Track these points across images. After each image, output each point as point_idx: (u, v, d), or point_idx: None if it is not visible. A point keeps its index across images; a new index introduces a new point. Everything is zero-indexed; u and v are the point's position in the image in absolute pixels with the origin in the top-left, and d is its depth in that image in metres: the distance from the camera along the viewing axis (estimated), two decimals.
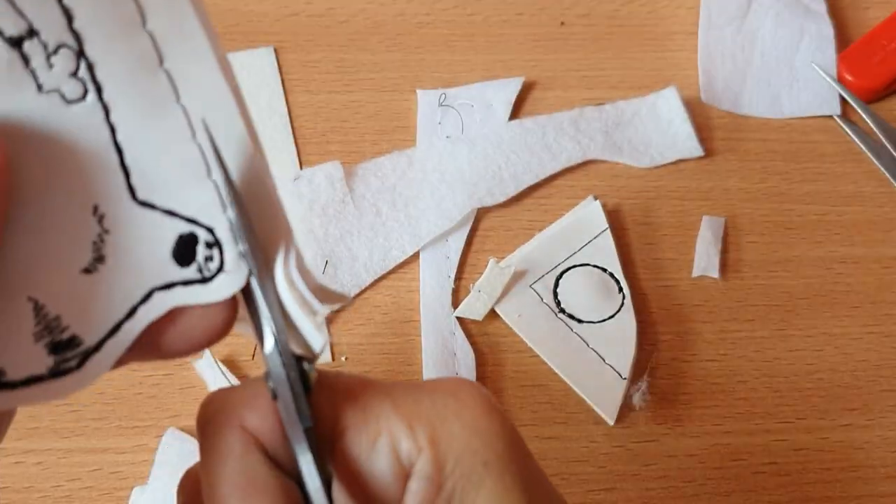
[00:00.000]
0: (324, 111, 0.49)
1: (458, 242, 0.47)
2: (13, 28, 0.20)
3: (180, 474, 0.39)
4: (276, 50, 0.51)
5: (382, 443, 0.23)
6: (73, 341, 0.22)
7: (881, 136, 0.50)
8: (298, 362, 0.23)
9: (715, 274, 0.46)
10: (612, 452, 0.42)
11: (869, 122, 0.50)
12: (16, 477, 0.40)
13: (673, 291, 0.46)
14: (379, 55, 0.51)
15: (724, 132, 0.51)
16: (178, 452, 0.40)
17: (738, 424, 0.43)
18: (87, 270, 0.22)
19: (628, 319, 0.44)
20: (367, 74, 0.51)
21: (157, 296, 0.22)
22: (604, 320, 0.44)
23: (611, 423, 0.42)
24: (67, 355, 0.22)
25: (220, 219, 0.22)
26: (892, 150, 0.50)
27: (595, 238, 0.46)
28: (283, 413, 0.23)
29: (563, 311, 0.44)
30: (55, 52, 0.20)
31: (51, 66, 0.20)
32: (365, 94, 0.50)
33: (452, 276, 0.46)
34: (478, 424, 0.24)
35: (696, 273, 0.46)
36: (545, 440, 0.42)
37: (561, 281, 0.45)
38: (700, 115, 0.51)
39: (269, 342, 0.23)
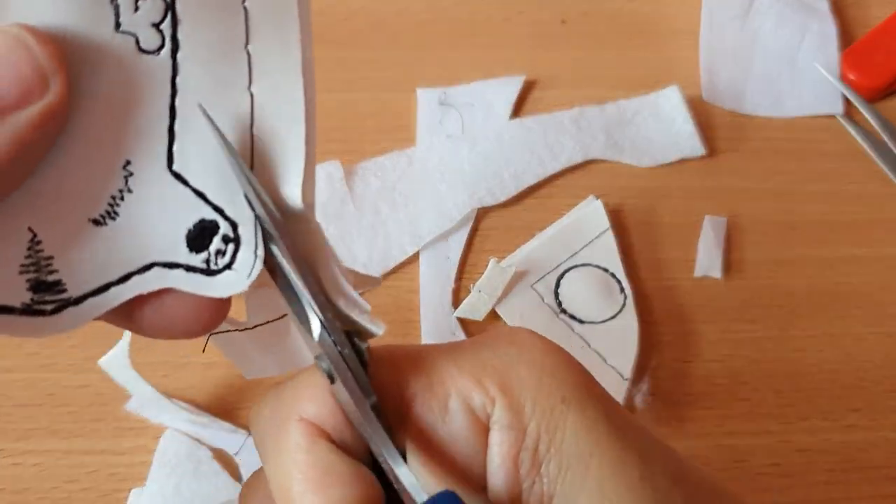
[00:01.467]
0: (323, 110, 0.48)
1: (458, 242, 0.46)
2: None
3: (179, 475, 0.40)
4: None
5: (454, 403, 0.23)
6: (57, 286, 0.21)
7: (884, 136, 0.50)
8: (349, 338, 0.22)
9: (717, 274, 0.46)
10: None
11: (872, 121, 0.50)
12: (13, 478, 0.40)
13: (675, 292, 0.46)
14: (379, 53, 0.51)
15: (726, 131, 0.50)
16: (176, 454, 0.40)
17: (740, 425, 0.43)
18: (96, 222, 0.21)
19: (630, 320, 0.44)
20: (368, 73, 0.50)
21: (156, 270, 0.21)
22: (605, 321, 0.44)
23: None
24: (46, 298, 0.21)
25: (246, 217, 0.21)
26: (895, 149, 0.49)
27: (596, 238, 0.46)
28: (343, 396, 0.22)
29: (564, 311, 0.44)
30: None
31: (136, 8, 0.19)
32: (365, 92, 0.50)
33: (453, 276, 0.45)
34: (544, 363, 0.23)
35: (698, 273, 0.46)
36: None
37: (562, 281, 0.45)
38: (702, 114, 0.51)
39: (316, 325, 0.22)
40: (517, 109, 0.50)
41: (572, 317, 0.44)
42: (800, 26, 0.53)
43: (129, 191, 0.21)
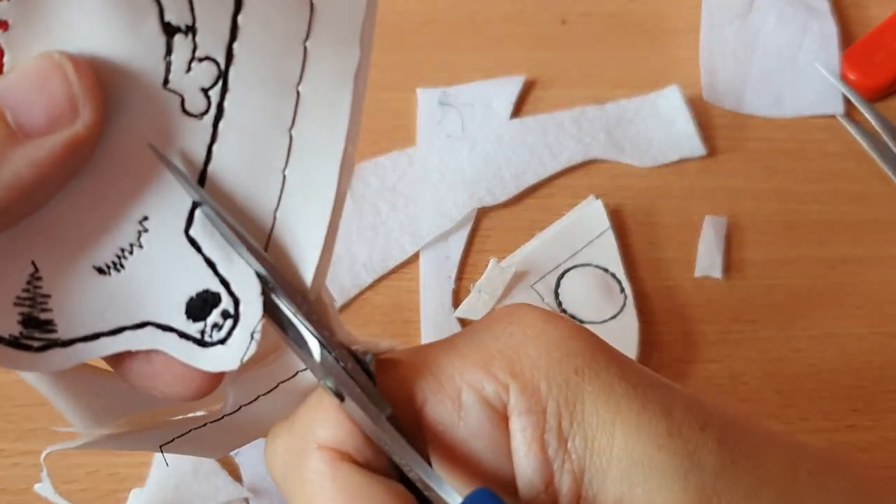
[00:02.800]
0: None
1: (458, 242, 0.46)
2: (175, 16, 0.19)
3: (179, 476, 0.39)
4: None
5: (467, 397, 0.22)
6: (48, 325, 0.21)
7: (884, 136, 0.50)
8: (352, 353, 0.22)
9: (718, 274, 0.46)
10: None
11: (872, 121, 0.50)
12: (13, 479, 0.40)
13: (675, 292, 0.46)
14: (379, 53, 0.50)
15: (726, 131, 0.50)
16: (175, 454, 0.40)
17: None
18: (100, 270, 0.21)
19: (630, 320, 0.44)
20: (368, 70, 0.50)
21: (150, 330, 0.21)
22: (605, 321, 0.44)
23: None
24: (35, 334, 0.20)
25: (250, 295, 0.21)
26: (895, 149, 0.49)
27: (597, 238, 0.46)
28: (356, 412, 0.21)
29: (564, 311, 0.44)
30: (201, 60, 0.19)
31: (189, 69, 0.19)
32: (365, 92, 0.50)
33: (453, 276, 0.45)
34: (549, 337, 0.23)
35: (698, 273, 0.46)
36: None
37: (562, 281, 0.45)
38: (702, 114, 0.51)
39: (315, 346, 0.21)
40: (517, 109, 0.50)
41: (572, 317, 0.44)
42: (800, 26, 0.53)
43: (140, 246, 0.21)
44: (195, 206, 0.20)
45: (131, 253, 0.21)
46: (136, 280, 0.21)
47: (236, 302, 0.21)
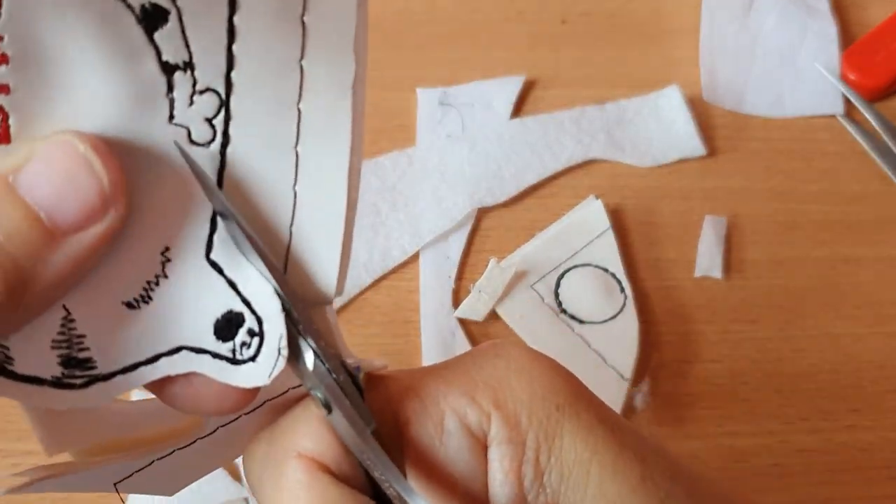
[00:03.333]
0: None
1: (458, 242, 0.46)
2: (172, 55, 0.19)
3: None
4: None
5: (450, 422, 0.23)
6: (87, 363, 0.21)
7: (884, 136, 0.50)
8: (344, 366, 0.22)
9: (718, 274, 0.46)
10: None
11: (872, 121, 0.50)
12: (14, 478, 0.40)
13: (675, 292, 0.46)
14: (379, 53, 0.51)
15: (726, 131, 0.50)
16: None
17: (740, 426, 0.43)
18: (130, 305, 0.21)
19: (630, 320, 0.44)
20: (368, 73, 0.50)
21: (185, 354, 0.22)
22: (605, 321, 0.44)
23: None
24: (76, 373, 0.21)
25: (272, 313, 0.21)
26: (895, 149, 0.49)
27: (597, 238, 0.46)
28: (341, 425, 0.22)
29: (564, 311, 0.44)
30: (202, 92, 0.20)
31: (192, 102, 0.20)
32: (365, 92, 0.50)
33: (453, 276, 0.45)
34: (533, 373, 0.23)
35: (698, 273, 0.46)
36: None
37: (562, 281, 0.45)
38: (702, 114, 0.50)
39: (309, 355, 0.21)
40: (517, 109, 0.50)
41: (572, 317, 0.44)
42: (800, 26, 0.53)
43: (165, 276, 0.21)
44: (213, 231, 0.21)
45: (157, 284, 0.21)
46: (166, 309, 0.21)
47: (259, 321, 0.21)
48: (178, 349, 0.21)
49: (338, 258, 0.22)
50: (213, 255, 0.21)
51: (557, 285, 0.45)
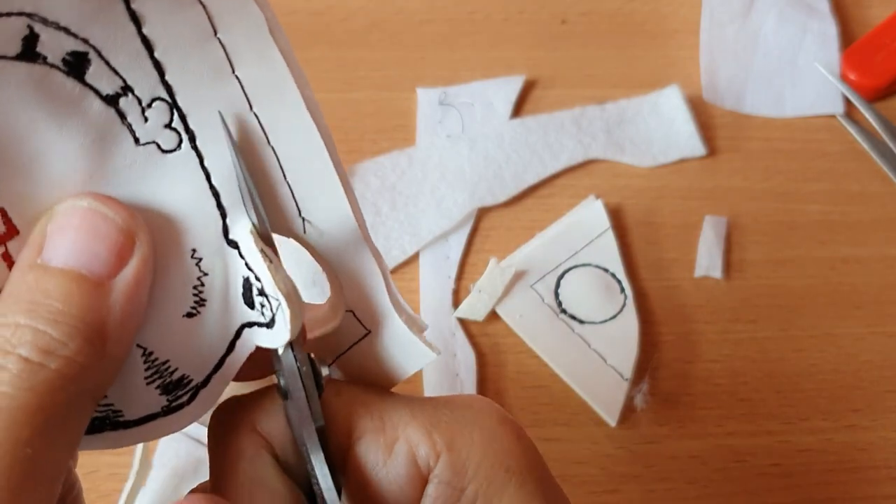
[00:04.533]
0: (323, 110, 0.48)
1: (458, 242, 0.46)
2: (109, 87, 0.20)
3: (179, 476, 0.39)
4: None
5: (399, 449, 0.23)
6: (183, 380, 0.23)
7: (884, 136, 0.50)
8: (311, 360, 0.23)
9: (718, 274, 0.46)
10: (613, 454, 0.42)
11: (872, 121, 0.50)
12: None
13: (675, 292, 0.46)
14: (379, 53, 0.51)
15: (726, 131, 0.50)
16: (176, 454, 0.40)
17: (740, 426, 0.43)
18: (190, 314, 0.22)
19: (630, 320, 0.44)
20: (367, 73, 0.50)
21: (246, 332, 0.23)
22: (606, 321, 0.44)
23: (613, 424, 0.42)
24: (179, 393, 0.23)
25: (260, 267, 0.22)
26: (895, 149, 0.49)
27: (597, 238, 0.46)
28: (293, 414, 0.23)
29: (564, 311, 0.44)
30: (150, 105, 0.21)
31: (146, 119, 0.21)
32: (365, 92, 0.50)
33: (453, 276, 0.45)
34: (496, 433, 0.24)
35: (698, 273, 0.46)
36: (546, 441, 0.42)
37: (562, 281, 0.45)
38: (702, 113, 0.50)
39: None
40: (517, 109, 0.50)
41: (572, 317, 0.44)
42: (800, 26, 0.53)
43: (206, 274, 0.22)
44: (224, 216, 0.22)
45: (203, 285, 0.22)
46: (218, 302, 0.23)
47: (257, 277, 0.22)
48: (240, 330, 0.23)
49: (338, 184, 0.22)
50: (231, 236, 0.22)
51: (557, 285, 0.45)
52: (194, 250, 0.22)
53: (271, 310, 0.22)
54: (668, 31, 0.53)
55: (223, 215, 0.22)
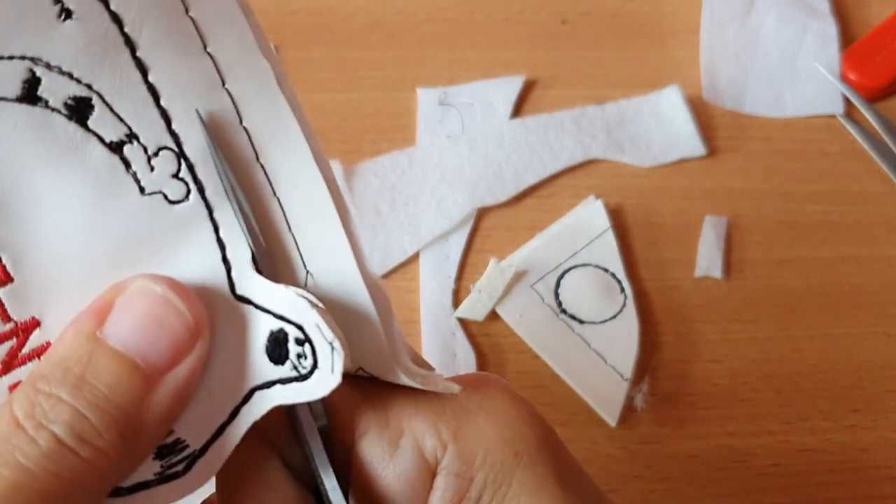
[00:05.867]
0: (323, 110, 0.48)
1: (458, 242, 0.46)
2: (112, 133, 0.20)
3: None
4: (275, 48, 0.50)
5: (406, 443, 0.23)
6: (178, 444, 0.22)
7: (884, 136, 0.50)
8: None
9: (718, 274, 0.46)
10: (613, 454, 0.42)
11: (872, 121, 0.50)
12: None
13: (675, 292, 0.46)
14: (379, 53, 0.51)
15: (726, 131, 0.50)
16: None
17: (740, 426, 0.43)
18: None
19: (630, 320, 0.44)
20: (367, 73, 0.50)
21: (258, 395, 0.22)
22: (606, 321, 0.44)
23: (612, 424, 0.42)
24: (173, 460, 0.22)
25: (307, 314, 0.21)
26: (895, 149, 0.49)
27: (597, 238, 0.46)
28: (294, 414, 0.22)
29: (564, 311, 0.44)
30: (156, 154, 0.20)
31: (152, 168, 0.20)
32: (364, 92, 0.50)
33: (453, 276, 0.45)
34: (505, 415, 0.23)
35: (698, 273, 0.46)
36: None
37: (562, 281, 0.45)
38: (702, 113, 0.50)
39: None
40: (517, 109, 0.50)
41: (572, 317, 0.44)
42: (800, 26, 0.53)
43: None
44: (229, 270, 0.21)
45: None
46: (221, 361, 0.22)
47: (299, 326, 0.21)
48: (250, 394, 0.22)
49: (344, 240, 0.22)
50: (238, 291, 0.21)
51: (557, 285, 0.45)
52: None
53: (313, 357, 0.21)
54: (668, 31, 0.53)
55: (228, 269, 0.21)
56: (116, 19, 0.19)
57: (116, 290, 0.20)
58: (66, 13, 0.19)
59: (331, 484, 0.22)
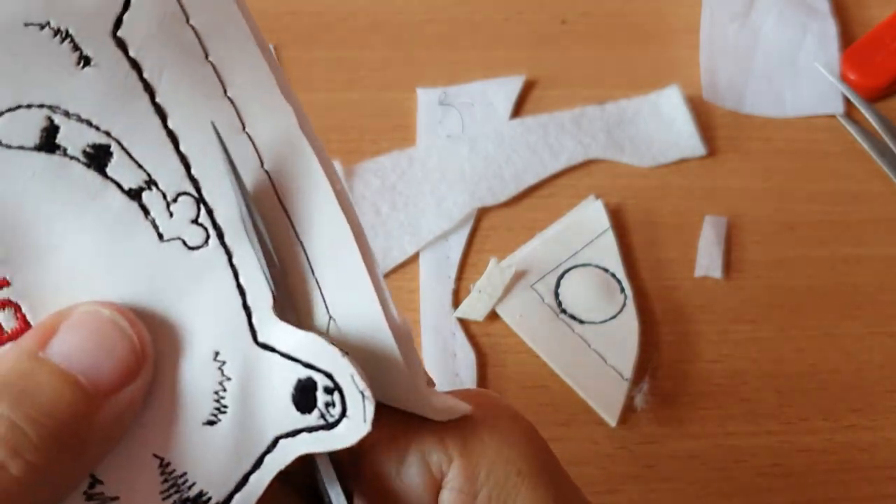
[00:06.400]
0: (323, 110, 0.48)
1: (458, 242, 0.46)
2: (131, 180, 0.19)
3: None
4: (275, 48, 0.50)
5: (412, 456, 0.23)
6: (201, 497, 0.21)
7: (884, 136, 0.50)
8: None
9: (718, 274, 0.46)
10: (613, 454, 0.42)
11: (872, 121, 0.50)
12: None
13: (675, 292, 0.46)
14: (379, 53, 0.51)
15: (726, 131, 0.50)
16: None
17: (740, 426, 0.43)
18: (210, 422, 0.21)
19: (630, 320, 0.44)
20: (367, 73, 0.50)
21: (283, 443, 0.21)
22: (606, 321, 0.44)
23: (613, 424, 0.42)
24: None
25: (339, 363, 0.21)
26: (895, 149, 0.49)
27: (597, 238, 0.46)
28: None
29: (564, 311, 0.44)
30: (175, 200, 0.20)
31: (171, 214, 0.20)
32: (365, 92, 0.50)
33: (453, 276, 0.45)
34: (509, 435, 0.24)
35: (698, 273, 0.46)
36: (547, 441, 0.42)
37: (562, 281, 0.45)
38: (702, 113, 0.50)
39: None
40: (518, 109, 0.50)
41: (572, 317, 0.44)
42: (800, 26, 0.53)
43: (228, 379, 0.21)
44: (250, 316, 0.21)
45: (225, 390, 0.21)
46: (244, 409, 0.21)
47: (328, 375, 0.21)
48: (275, 442, 0.21)
49: (367, 280, 0.22)
50: (261, 339, 0.21)
51: (557, 285, 0.45)
52: (217, 353, 0.21)
53: (342, 405, 0.21)
54: (668, 31, 0.53)
55: (248, 315, 0.21)
56: (136, 66, 0.19)
57: (61, 316, 0.20)
58: (86, 60, 0.18)
59: (338, 499, 0.22)
